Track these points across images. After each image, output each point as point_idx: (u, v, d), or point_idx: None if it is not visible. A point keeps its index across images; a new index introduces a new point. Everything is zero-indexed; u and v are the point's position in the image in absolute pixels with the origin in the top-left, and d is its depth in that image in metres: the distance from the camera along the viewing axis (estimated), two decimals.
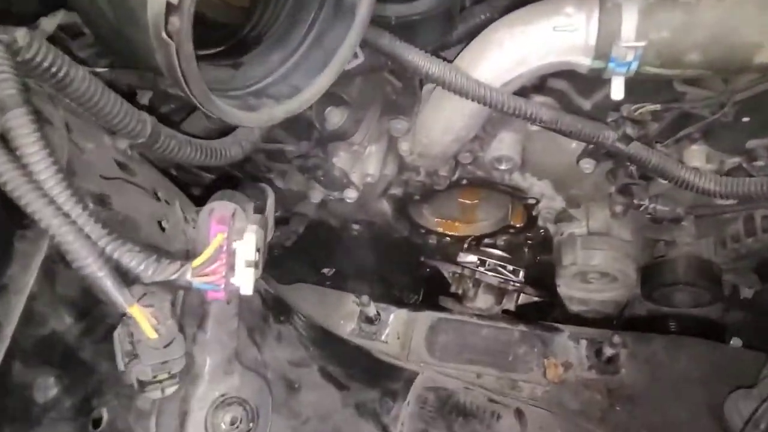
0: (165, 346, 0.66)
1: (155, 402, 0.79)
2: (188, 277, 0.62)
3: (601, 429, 1.28)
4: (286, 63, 0.80)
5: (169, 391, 0.70)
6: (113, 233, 0.62)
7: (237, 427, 0.92)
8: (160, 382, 0.68)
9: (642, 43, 0.84)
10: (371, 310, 1.49)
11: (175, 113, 1.12)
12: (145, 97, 1.04)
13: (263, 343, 1.03)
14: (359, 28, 0.84)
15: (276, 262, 1.73)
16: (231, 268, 0.66)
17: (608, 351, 1.38)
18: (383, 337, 1.49)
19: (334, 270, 1.92)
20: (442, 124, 1.13)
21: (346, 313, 1.53)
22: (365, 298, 1.46)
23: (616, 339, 1.33)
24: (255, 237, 0.68)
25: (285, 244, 1.67)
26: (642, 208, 1.34)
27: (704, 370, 1.33)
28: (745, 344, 1.64)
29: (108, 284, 0.61)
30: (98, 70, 0.86)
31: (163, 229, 0.79)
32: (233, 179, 1.33)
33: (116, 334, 0.69)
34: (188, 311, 0.85)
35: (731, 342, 1.65)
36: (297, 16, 0.87)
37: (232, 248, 0.67)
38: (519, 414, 1.19)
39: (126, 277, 0.62)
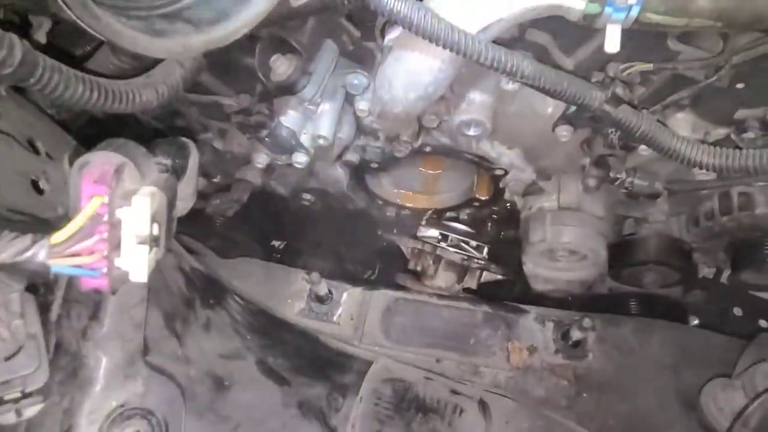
0: (7, 358, 0.46)
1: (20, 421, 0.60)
2: (42, 257, 0.44)
3: (568, 417, 1.20)
4: None
5: (30, 412, 0.51)
6: None
7: None
8: (15, 401, 0.49)
9: None
10: (322, 288, 1.37)
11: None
12: (41, 31, 0.85)
13: (186, 333, 0.85)
14: None
15: (217, 234, 1.58)
16: (116, 245, 0.48)
17: (576, 334, 1.31)
18: (335, 318, 1.39)
19: (284, 243, 1.82)
20: (406, 77, 0.98)
21: (294, 292, 1.41)
22: (315, 276, 1.34)
23: (587, 322, 1.24)
24: (149, 202, 0.49)
25: (226, 214, 1.51)
26: (618, 182, 1.25)
27: (675, 355, 1.27)
28: (702, 323, 1.64)
29: None
30: None
31: (40, 191, 0.60)
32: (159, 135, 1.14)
33: None
34: (78, 297, 0.66)
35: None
36: None
37: (116, 218, 0.49)
38: (483, 406, 1.08)
39: None
